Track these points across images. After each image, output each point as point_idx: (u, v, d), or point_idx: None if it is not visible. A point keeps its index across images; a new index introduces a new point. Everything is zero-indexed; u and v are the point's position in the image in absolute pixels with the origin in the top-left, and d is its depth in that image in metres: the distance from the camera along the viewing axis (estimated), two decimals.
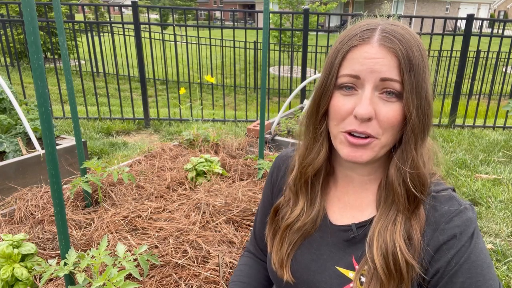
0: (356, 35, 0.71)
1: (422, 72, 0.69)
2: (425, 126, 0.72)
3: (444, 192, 0.76)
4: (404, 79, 0.68)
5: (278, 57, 6.75)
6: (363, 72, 0.69)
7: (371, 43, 0.70)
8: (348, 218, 0.82)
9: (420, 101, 0.70)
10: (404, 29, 0.72)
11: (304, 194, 0.85)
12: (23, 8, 1.10)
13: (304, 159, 0.83)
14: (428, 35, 5.00)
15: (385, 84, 0.69)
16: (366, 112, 0.68)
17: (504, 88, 6.63)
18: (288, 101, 3.89)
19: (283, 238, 0.86)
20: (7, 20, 5.38)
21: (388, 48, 0.69)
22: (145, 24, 5.13)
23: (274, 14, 7.22)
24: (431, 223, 0.73)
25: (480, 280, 0.68)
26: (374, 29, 0.71)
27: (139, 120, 5.05)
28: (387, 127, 0.70)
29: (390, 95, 0.70)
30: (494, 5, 42.17)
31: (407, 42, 0.69)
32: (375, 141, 0.72)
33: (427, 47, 5.04)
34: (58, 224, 1.35)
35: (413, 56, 0.69)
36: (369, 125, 0.70)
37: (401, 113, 0.70)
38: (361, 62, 0.69)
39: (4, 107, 3.13)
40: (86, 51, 7.39)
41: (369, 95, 0.69)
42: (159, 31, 6.41)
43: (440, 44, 5.14)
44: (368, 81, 0.69)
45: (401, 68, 0.68)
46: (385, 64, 0.68)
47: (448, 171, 3.50)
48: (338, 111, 0.73)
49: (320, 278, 0.80)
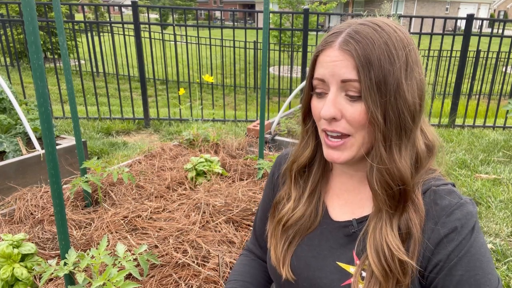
0: (324, 39, 0.74)
1: (387, 67, 0.68)
2: (400, 122, 0.71)
3: (444, 186, 0.76)
4: (360, 78, 0.69)
5: (278, 57, 6.75)
6: (326, 75, 0.72)
7: (333, 47, 0.72)
8: (348, 214, 0.83)
9: (387, 98, 0.69)
10: (373, 26, 0.71)
11: (295, 190, 0.88)
12: (23, 8, 1.10)
13: (293, 155, 0.89)
14: (428, 35, 5.00)
15: (346, 86, 0.71)
16: (327, 113, 0.72)
17: (504, 88, 6.62)
18: (288, 101, 3.89)
19: (280, 235, 0.87)
20: (7, 20, 5.38)
21: (345, 50, 0.70)
22: (145, 24, 5.13)
23: (274, 14, 7.21)
24: (432, 217, 0.73)
25: (479, 273, 0.69)
26: (340, 32, 0.72)
27: (139, 120, 5.05)
28: (357, 126, 0.72)
29: (353, 96, 0.71)
30: (494, 5, 42.17)
31: (367, 40, 0.69)
32: (351, 140, 0.74)
33: (427, 47, 5.04)
34: (58, 224, 1.35)
35: (372, 53, 0.68)
36: (338, 124, 0.73)
37: (367, 111, 0.70)
38: (325, 66, 0.73)
39: (4, 107, 3.13)
40: (86, 51, 7.38)
41: (332, 97, 0.72)
42: (159, 31, 6.41)
43: (440, 44, 5.14)
44: (332, 84, 0.72)
45: (358, 68, 0.69)
46: (343, 66, 0.70)
47: (448, 171, 3.50)
48: (314, 112, 0.78)
49: (321, 274, 0.80)
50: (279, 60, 5.88)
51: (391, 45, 0.70)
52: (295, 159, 0.87)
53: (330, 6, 11.80)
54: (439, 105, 5.42)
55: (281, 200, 0.91)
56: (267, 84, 6.38)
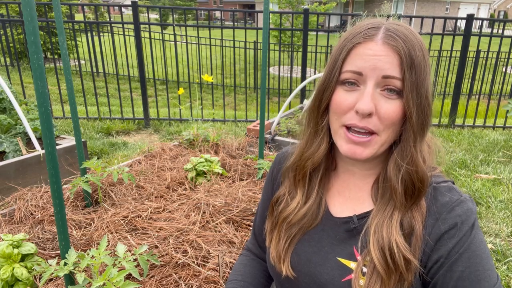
0: (361, 32, 0.73)
1: (423, 71, 0.71)
2: (424, 124, 0.73)
3: (445, 183, 0.77)
4: (405, 77, 0.70)
5: (278, 57, 6.75)
6: (366, 68, 0.71)
7: (375, 41, 0.71)
8: (349, 210, 0.84)
9: (420, 100, 0.71)
10: (408, 29, 0.73)
11: (302, 188, 0.87)
12: (23, 8, 1.10)
13: (304, 153, 0.85)
14: (428, 35, 5.00)
15: (386, 82, 0.70)
16: (367, 107, 0.70)
17: (504, 88, 6.62)
18: (288, 101, 3.89)
19: (281, 232, 0.87)
20: (7, 20, 5.37)
21: (391, 46, 0.70)
22: (145, 24, 5.13)
23: (274, 14, 7.21)
24: (433, 213, 0.74)
25: (479, 269, 0.69)
26: (378, 27, 0.73)
27: (139, 120, 5.05)
28: (388, 124, 0.72)
29: (391, 92, 0.71)
30: (494, 5, 42.16)
31: (410, 41, 0.71)
32: (376, 138, 0.73)
33: (427, 47, 5.04)
34: (58, 224, 1.35)
35: (415, 55, 0.70)
36: (370, 121, 0.71)
37: (401, 110, 0.71)
38: (364, 59, 0.71)
39: (4, 107, 3.13)
40: (86, 51, 7.39)
41: (370, 91, 0.71)
42: (159, 31, 6.41)
43: (440, 44, 5.14)
44: (370, 78, 0.71)
45: (403, 66, 0.69)
46: (387, 61, 0.70)
47: (448, 171, 3.50)
48: (339, 105, 0.74)
49: (322, 270, 0.81)
50: (279, 60, 5.88)
51: (424, 50, 0.73)
52: (309, 156, 0.83)
53: (330, 6, 11.79)
54: (439, 105, 5.42)
55: (280, 198, 0.91)
56: (267, 84, 6.38)
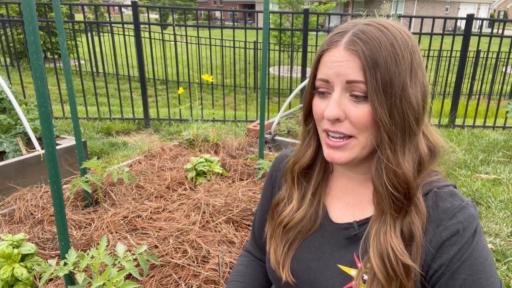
0: (329, 39, 0.73)
1: (393, 69, 0.68)
2: (405, 125, 0.71)
3: (446, 188, 0.76)
4: (367, 79, 0.68)
5: (278, 57, 6.75)
6: (331, 75, 0.71)
7: (338, 47, 0.71)
8: (349, 216, 0.82)
9: (393, 99, 0.69)
10: (378, 27, 0.71)
11: (295, 192, 0.88)
12: (23, 8, 1.10)
13: (294, 156, 0.87)
14: (428, 35, 5.00)
15: (351, 87, 0.70)
16: (331, 114, 0.71)
17: (504, 88, 6.62)
18: (288, 101, 3.89)
19: (281, 237, 0.87)
20: (7, 20, 5.37)
21: (351, 50, 0.69)
22: (145, 24, 5.13)
23: (274, 14, 7.21)
24: (433, 219, 0.72)
25: (482, 277, 0.68)
26: (345, 32, 0.72)
27: (139, 120, 5.05)
28: (361, 127, 0.71)
29: (358, 97, 0.70)
30: (494, 5, 42.16)
31: (374, 41, 0.68)
32: (353, 142, 0.73)
33: (427, 47, 5.04)
34: (58, 224, 1.35)
35: (379, 54, 0.68)
36: (341, 125, 0.72)
37: (372, 113, 0.70)
38: (329, 66, 0.72)
39: (4, 107, 3.13)
40: (86, 51, 7.38)
41: (336, 98, 0.71)
42: (159, 31, 6.41)
43: (440, 44, 5.14)
44: (336, 84, 0.71)
45: (364, 69, 0.68)
46: (349, 66, 0.69)
47: (448, 171, 3.50)
48: (315, 112, 0.77)
49: (322, 277, 0.80)
50: (279, 60, 5.88)
51: (397, 47, 0.69)
52: (296, 160, 0.86)
53: (330, 6, 11.79)
54: (439, 105, 5.42)
55: (280, 201, 0.90)
56: (267, 84, 6.38)
